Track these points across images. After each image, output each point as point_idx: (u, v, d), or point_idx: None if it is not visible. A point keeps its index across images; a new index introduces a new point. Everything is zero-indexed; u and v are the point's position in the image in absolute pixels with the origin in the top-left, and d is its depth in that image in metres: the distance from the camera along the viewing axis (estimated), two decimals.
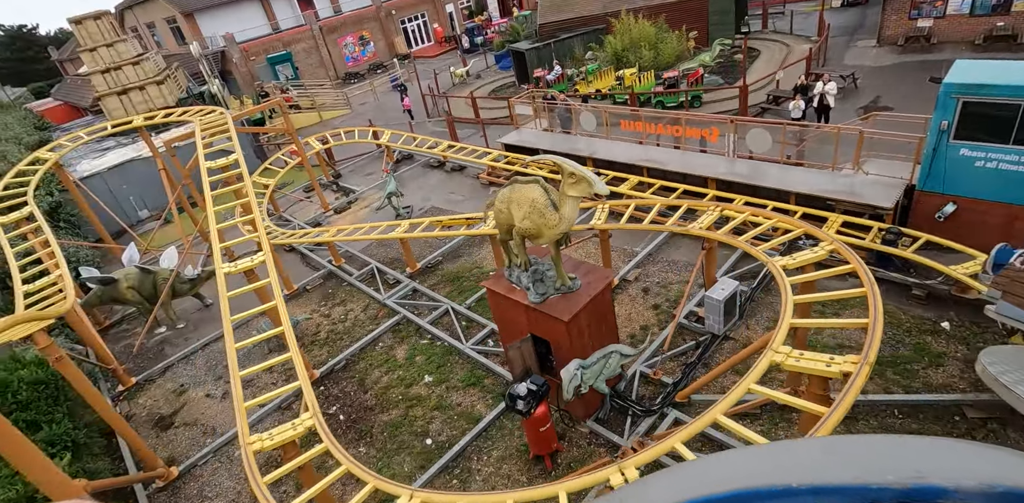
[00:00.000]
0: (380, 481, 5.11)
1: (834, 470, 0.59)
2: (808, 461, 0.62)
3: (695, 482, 0.59)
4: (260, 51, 33.69)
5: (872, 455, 0.60)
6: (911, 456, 0.61)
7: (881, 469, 0.58)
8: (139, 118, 14.87)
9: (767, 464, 0.62)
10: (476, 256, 12.04)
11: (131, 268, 11.75)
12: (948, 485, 0.56)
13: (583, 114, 14.22)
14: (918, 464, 0.58)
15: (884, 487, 0.57)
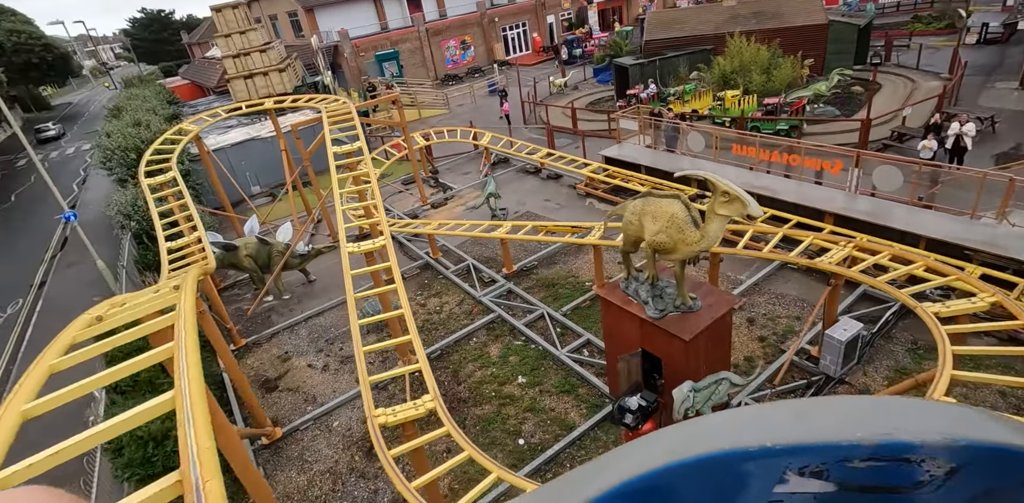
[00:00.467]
0: (504, 471, 5.21)
1: (808, 430, 0.59)
2: (782, 423, 0.61)
3: (674, 447, 0.58)
4: (369, 48, 35.36)
5: (844, 415, 0.61)
6: (882, 416, 0.61)
7: (852, 428, 0.59)
8: (269, 101, 15.92)
9: (743, 427, 0.61)
10: (572, 265, 12.08)
11: (251, 238, 12.60)
12: (915, 440, 0.57)
13: (691, 134, 14.00)
14: (888, 423, 0.59)
15: (855, 444, 0.57)
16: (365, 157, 10.89)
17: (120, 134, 18.79)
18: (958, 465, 0.58)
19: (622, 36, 29.61)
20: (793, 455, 0.58)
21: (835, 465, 0.58)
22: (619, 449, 0.62)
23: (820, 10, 21.55)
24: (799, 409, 0.63)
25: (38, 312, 14.01)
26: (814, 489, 0.60)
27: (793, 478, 0.59)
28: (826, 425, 0.60)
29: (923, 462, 0.58)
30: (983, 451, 0.57)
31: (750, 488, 0.59)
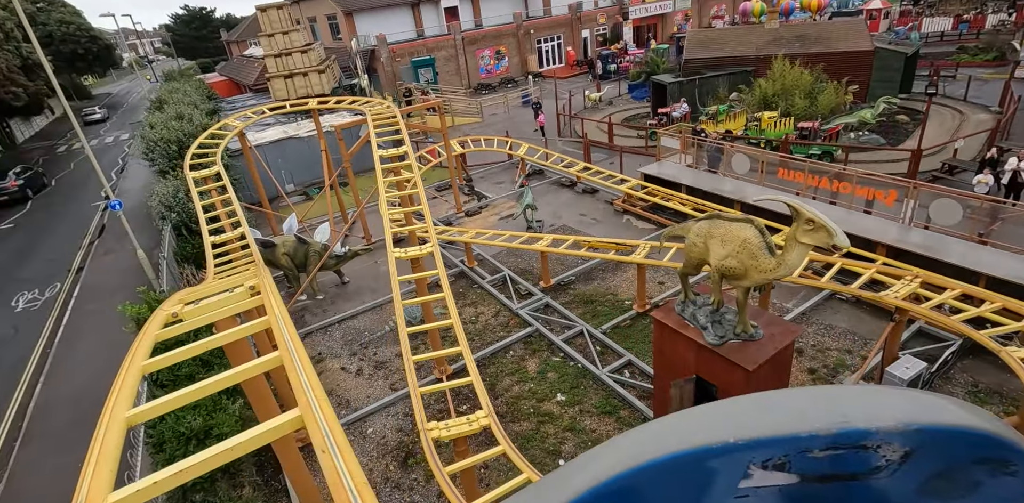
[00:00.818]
0: None
1: (769, 424, 0.60)
2: (744, 418, 0.62)
3: (639, 450, 0.57)
4: (405, 54, 35.70)
5: (803, 406, 0.63)
6: (838, 404, 0.63)
7: (812, 418, 0.60)
8: (313, 101, 15.98)
9: (706, 424, 0.61)
10: (610, 282, 11.86)
11: (289, 236, 12.58)
12: (870, 427, 0.59)
13: (736, 156, 13.78)
14: (844, 411, 0.61)
15: (814, 435, 0.58)
16: (411, 162, 10.81)
17: (164, 126, 19.06)
18: (912, 449, 0.60)
19: (658, 53, 29.53)
20: (756, 449, 0.59)
21: (796, 456, 0.60)
22: (587, 454, 0.62)
23: (866, 37, 21.28)
24: (760, 403, 0.64)
25: (76, 297, 14.10)
26: (778, 482, 0.61)
27: (757, 472, 0.60)
28: (786, 418, 0.61)
29: (879, 448, 0.60)
30: (935, 434, 0.60)
31: (717, 485, 0.60)
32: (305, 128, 22.03)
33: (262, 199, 15.67)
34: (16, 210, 22.76)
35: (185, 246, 13.47)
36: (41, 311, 13.70)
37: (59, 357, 11.50)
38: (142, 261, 13.21)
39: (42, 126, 46.26)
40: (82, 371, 10.88)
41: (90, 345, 11.79)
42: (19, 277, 15.82)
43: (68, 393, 10.32)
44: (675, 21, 45.17)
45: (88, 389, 10.31)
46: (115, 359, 10.95)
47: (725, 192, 13.56)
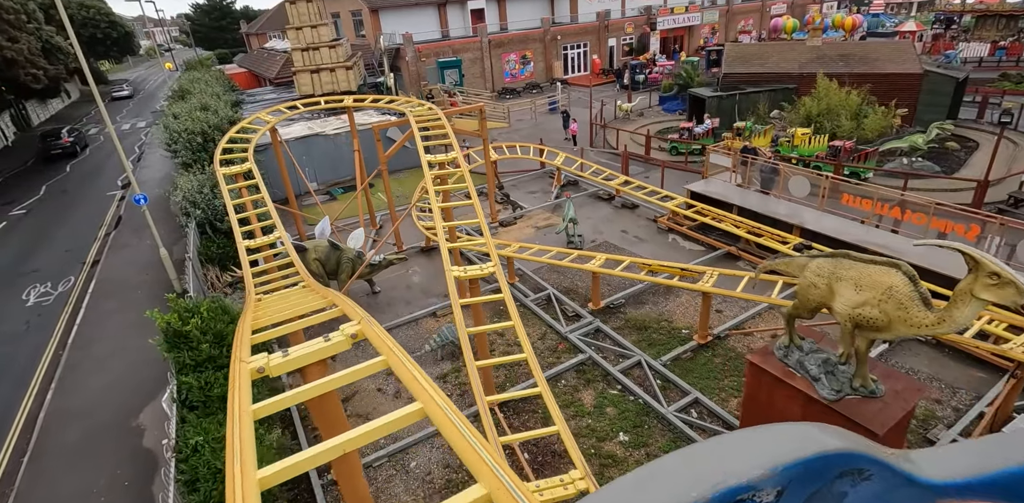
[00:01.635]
0: None
1: (656, 494, 0.63)
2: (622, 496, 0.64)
3: None
4: (431, 54, 34.99)
5: (683, 472, 0.66)
6: (716, 460, 0.67)
7: (689, 487, 0.63)
8: (348, 99, 15.19)
9: None
10: (662, 307, 11.06)
11: (322, 241, 11.78)
12: (742, 482, 0.63)
13: (795, 178, 13.00)
14: (720, 468, 0.65)
15: None
16: (464, 171, 10.01)
17: (188, 117, 18.28)
18: (783, 486, 0.66)
19: (694, 66, 28.82)
20: None
21: None
22: None
23: (914, 59, 20.56)
24: (639, 477, 0.66)
25: (90, 293, 13.26)
26: None
27: None
28: (665, 492, 0.63)
29: (755, 496, 0.64)
30: (800, 466, 0.66)
31: None
32: (332, 125, 21.26)
33: (289, 198, 14.86)
34: (31, 194, 21.95)
35: (210, 246, 12.64)
36: (54, 307, 12.87)
37: (73, 362, 10.66)
38: (164, 260, 12.39)
39: (58, 109, 45.47)
40: (98, 379, 10.05)
41: (106, 348, 10.95)
42: (31, 269, 15.00)
43: (82, 404, 9.48)
44: (702, 34, 44.57)
45: (104, 399, 9.49)
46: (134, 365, 10.07)
47: (781, 215, 12.77)
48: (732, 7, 45.98)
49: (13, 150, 31.04)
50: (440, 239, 8.55)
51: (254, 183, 11.21)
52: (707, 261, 12.52)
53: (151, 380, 9.59)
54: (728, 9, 45.66)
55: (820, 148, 17.64)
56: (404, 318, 11.26)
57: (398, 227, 14.26)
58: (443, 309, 11.49)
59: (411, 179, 19.95)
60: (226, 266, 12.30)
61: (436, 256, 14.17)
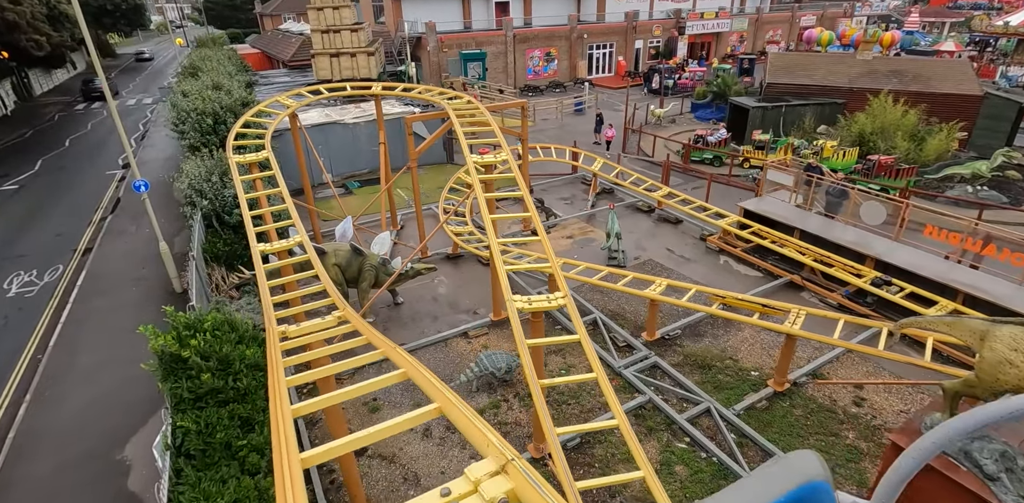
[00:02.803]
0: None
1: None
2: None
3: None
4: (453, 45, 33.51)
5: None
6: None
7: None
8: (377, 86, 13.70)
9: None
10: (723, 341, 9.74)
11: (343, 244, 10.40)
12: None
13: (868, 203, 11.69)
14: None
15: None
16: (517, 176, 8.64)
17: (198, 96, 16.76)
18: None
19: (727, 73, 27.47)
20: None
21: None
22: None
23: (972, 79, 19.30)
24: None
25: (79, 287, 11.82)
26: None
27: None
28: None
29: None
30: None
31: None
32: (351, 114, 19.80)
33: (306, 190, 13.43)
34: (26, 168, 20.39)
35: (216, 242, 11.20)
36: (37, 301, 11.43)
37: (53, 370, 9.23)
38: (164, 256, 10.97)
39: (62, 80, 43.63)
40: (81, 394, 8.63)
41: (93, 356, 9.54)
42: (16, 253, 13.52)
43: (59, 425, 8.07)
44: (730, 41, 43.21)
45: (85, 421, 8.08)
46: (123, 380, 8.59)
47: (848, 243, 11.44)
48: (762, 16, 44.65)
49: (12, 120, 29.36)
50: (496, 260, 7.18)
51: (270, 174, 9.76)
52: (768, 290, 11.21)
53: (143, 400, 8.20)
54: (758, 18, 44.34)
55: (851, 162, 16.61)
56: (432, 338, 9.88)
57: (422, 228, 12.86)
58: (476, 328, 10.14)
59: (429, 175, 18.52)
60: (233, 266, 10.90)
61: (463, 264, 12.80)
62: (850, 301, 10.63)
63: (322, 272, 7.10)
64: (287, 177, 16.41)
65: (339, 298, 6.36)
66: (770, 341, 9.71)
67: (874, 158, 16.32)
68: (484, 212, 7.85)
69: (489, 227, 7.49)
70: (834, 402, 8.29)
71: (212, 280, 10.41)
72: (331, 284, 6.85)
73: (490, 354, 8.58)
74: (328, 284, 6.75)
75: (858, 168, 16.33)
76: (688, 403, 8.27)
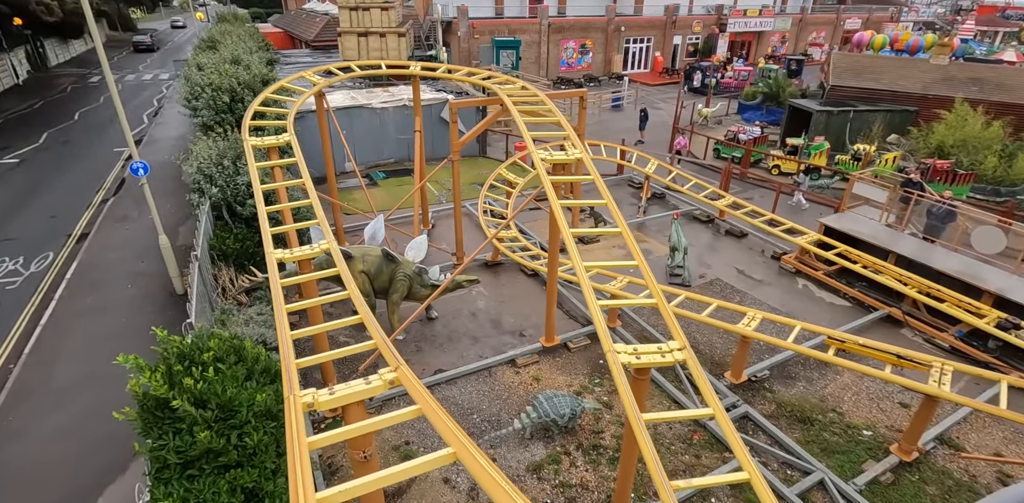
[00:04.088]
0: None
1: None
2: None
3: None
4: (485, 31, 31.73)
5: None
6: None
7: None
8: (416, 66, 11.96)
9: None
10: (820, 387, 8.08)
11: (374, 248, 8.80)
12: None
13: (984, 230, 9.91)
14: None
15: None
16: (596, 179, 6.99)
17: (215, 69, 15.12)
18: None
19: (776, 74, 25.53)
20: None
21: None
22: None
23: None
24: None
25: (68, 280, 10.31)
26: None
27: None
28: None
29: None
30: None
31: None
32: (379, 98, 18.14)
33: (330, 182, 11.83)
34: (30, 141, 18.92)
35: (225, 237, 9.62)
36: (19, 294, 9.93)
37: (24, 385, 7.71)
38: (164, 250, 9.43)
39: (79, 52, 42.16)
40: (52, 420, 7.11)
41: (72, 369, 8.02)
42: (5, 236, 12.04)
43: (23, 457, 6.55)
44: (771, 41, 41.06)
45: (54, 456, 6.55)
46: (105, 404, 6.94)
47: (958, 274, 9.67)
48: (806, 17, 42.41)
49: (23, 90, 27.93)
50: (586, 292, 5.50)
51: (291, 162, 8.12)
52: (863, 326, 9.53)
53: (126, 435, 6.67)
54: (802, 18, 42.11)
55: (892, 167, 15.34)
56: (473, 365, 8.28)
57: (460, 230, 11.22)
58: (525, 356, 8.53)
59: (461, 169, 16.76)
60: (244, 266, 9.34)
61: (504, 273, 11.19)
62: (964, 344, 8.93)
63: (351, 284, 5.47)
64: (311, 165, 14.95)
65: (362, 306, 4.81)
66: (877, 390, 8.05)
67: (929, 162, 15.06)
68: (561, 224, 6.19)
69: (572, 247, 5.83)
70: (974, 478, 6.64)
71: (219, 282, 8.85)
72: (357, 293, 5.24)
73: (551, 396, 6.96)
74: (366, 315, 5.13)
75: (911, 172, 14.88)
76: (793, 470, 6.64)
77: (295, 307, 5.36)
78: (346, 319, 5.00)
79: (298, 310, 6.51)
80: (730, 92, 28.69)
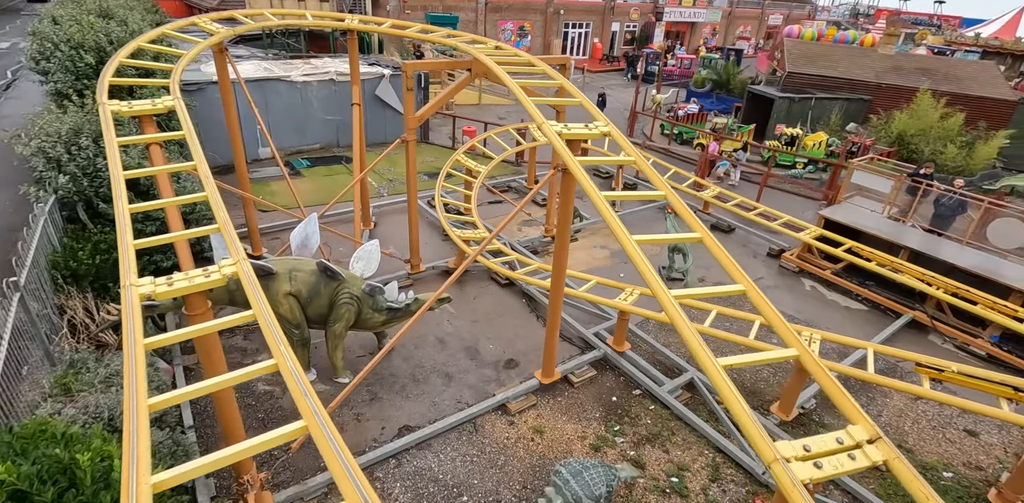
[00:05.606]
0: None
1: None
2: None
3: None
4: (418, 6, 28.90)
5: None
6: None
7: None
8: (352, 19, 9.27)
9: None
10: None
11: (305, 261, 6.29)
12: None
13: (1000, 221, 9.02)
14: None
15: None
16: (640, 162, 4.99)
17: (75, 23, 11.42)
18: None
19: (726, 62, 24.90)
20: None
21: None
22: None
23: (1003, 83, 17.69)
24: None
25: None
26: None
27: None
28: None
29: None
30: None
31: None
32: (300, 70, 15.05)
33: (239, 171, 8.97)
34: None
35: (79, 248, 6.57)
36: None
37: None
38: None
39: None
40: None
41: None
42: None
43: None
44: (703, 33, 41.12)
45: None
46: None
47: (977, 269, 8.72)
48: (734, 10, 42.94)
49: None
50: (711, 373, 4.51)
51: (178, 137, 5.37)
52: (894, 335, 8.31)
53: None
54: (731, 12, 42.59)
55: (820, 152, 15.61)
56: (451, 418, 6.02)
57: (416, 233, 8.79)
58: (519, 398, 6.42)
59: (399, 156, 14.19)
60: (108, 290, 6.40)
61: (471, 282, 8.96)
62: (1003, 351, 7.93)
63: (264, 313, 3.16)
64: (212, 151, 11.88)
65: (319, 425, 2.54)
66: (935, 415, 6.76)
67: (858, 141, 15.21)
68: (613, 225, 4.11)
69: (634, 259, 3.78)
70: None
71: (66, 319, 5.92)
72: (291, 359, 2.93)
73: (578, 471, 4.91)
74: (284, 361, 2.82)
75: (837, 151, 15.39)
76: None
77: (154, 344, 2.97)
78: (255, 366, 2.75)
79: None
80: (674, 80, 27.88)
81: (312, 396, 2.72)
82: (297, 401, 2.70)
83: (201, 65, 14.00)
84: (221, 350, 4.10)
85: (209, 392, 2.99)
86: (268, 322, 3.18)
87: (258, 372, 2.97)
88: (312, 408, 2.65)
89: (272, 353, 2.99)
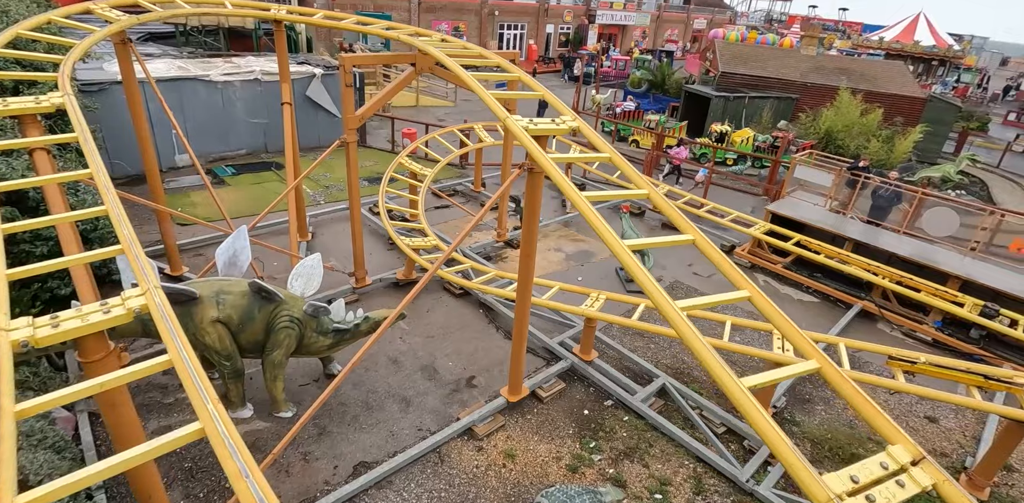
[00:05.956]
0: None
1: None
2: None
3: None
4: (347, 4, 27.76)
5: None
6: None
7: None
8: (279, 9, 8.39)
9: None
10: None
11: (233, 281, 5.49)
12: None
13: (937, 211, 9.47)
14: None
15: None
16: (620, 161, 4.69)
17: None
18: None
19: (661, 63, 25.51)
20: None
21: None
22: None
23: (913, 82, 19.05)
24: None
25: None
26: None
27: None
28: None
29: None
30: None
31: None
32: (220, 69, 13.80)
33: (151, 180, 7.87)
34: None
35: None
36: None
37: None
38: None
39: None
40: None
41: None
42: None
43: None
44: (633, 36, 42.25)
45: None
46: None
47: (917, 257, 9.11)
48: (662, 14, 44.46)
49: None
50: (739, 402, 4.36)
51: (69, 140, 4.45)
52: (848, 325, 8.48)
53: None
54: (659, 15, 44.05)
55: (748, 146, 16.27)
56: (414, 450, 5.41)
57: (360, 243, 8.07)
58: (485, 420, 5.90)
59: (336, 161, 13.25)
60: None
61: (422, 294, 8.34)
62: (947, 336, 8.26)
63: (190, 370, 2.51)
64: (119, 159, 10.74)
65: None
66: (895, 403, 6.87)
67: (779, 135, 15.83)
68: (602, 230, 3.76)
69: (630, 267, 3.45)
70: None
71: None
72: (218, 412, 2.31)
73: (561, 500, 4.46)
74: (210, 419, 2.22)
75: (762, 146, 16.14)
76: None
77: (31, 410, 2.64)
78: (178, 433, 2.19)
79: None
80: (611, 81, 28.28)
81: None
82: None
83: (104, 63, 12.53)
84: (132, 407, 3.30)
85: (121, 471, 2.27)
86: (190, 370, 2.51)
87: (184, 440, 2.30)
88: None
89: (196, 413, 2.34)
